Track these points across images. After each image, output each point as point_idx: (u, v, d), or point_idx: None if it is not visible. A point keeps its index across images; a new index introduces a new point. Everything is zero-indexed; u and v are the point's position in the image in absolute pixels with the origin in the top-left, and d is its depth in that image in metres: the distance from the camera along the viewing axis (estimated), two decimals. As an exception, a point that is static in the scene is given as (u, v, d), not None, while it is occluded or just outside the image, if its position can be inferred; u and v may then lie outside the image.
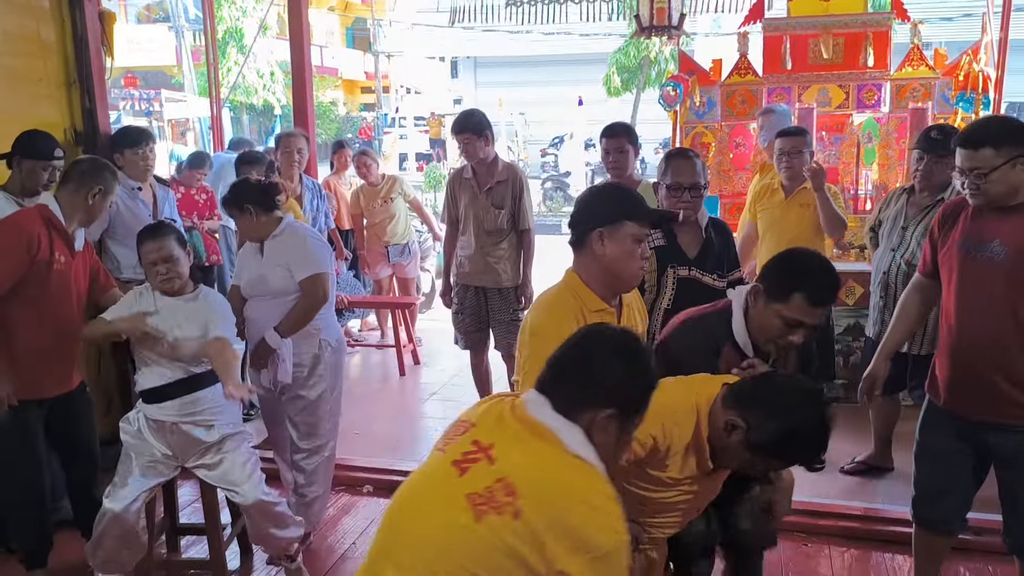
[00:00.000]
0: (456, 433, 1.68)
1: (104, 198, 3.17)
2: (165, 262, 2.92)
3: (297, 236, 3.36)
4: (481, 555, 1.47)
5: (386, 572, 1.57)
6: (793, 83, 5.58)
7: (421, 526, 1.57)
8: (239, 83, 17.93)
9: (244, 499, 2.99)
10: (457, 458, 1.60)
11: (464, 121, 4.31)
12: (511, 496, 1.48)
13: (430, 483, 1.64)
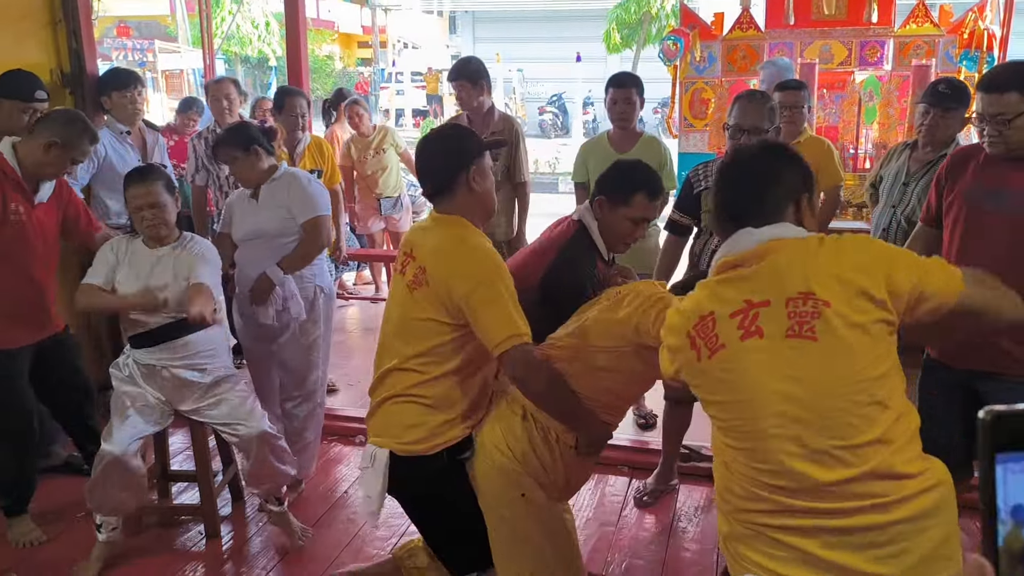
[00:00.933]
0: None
1: (63, 152, 3.01)
2: (151, 208, 2.86)
3: (299, 180, 3.32)
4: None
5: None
6: (795, 39, 5.49)
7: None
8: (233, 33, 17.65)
9: (250, 431, 2.97)
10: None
11: (460, 68, 4.22)
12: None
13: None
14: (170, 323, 2.93)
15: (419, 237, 2.26)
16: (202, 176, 4.38)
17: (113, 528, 3.00)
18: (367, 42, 26.43)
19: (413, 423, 2.18)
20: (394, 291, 2.32)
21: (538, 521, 2.23)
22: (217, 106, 4.46)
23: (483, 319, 2.07)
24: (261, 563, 3.10)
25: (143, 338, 2.94)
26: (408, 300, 2.20)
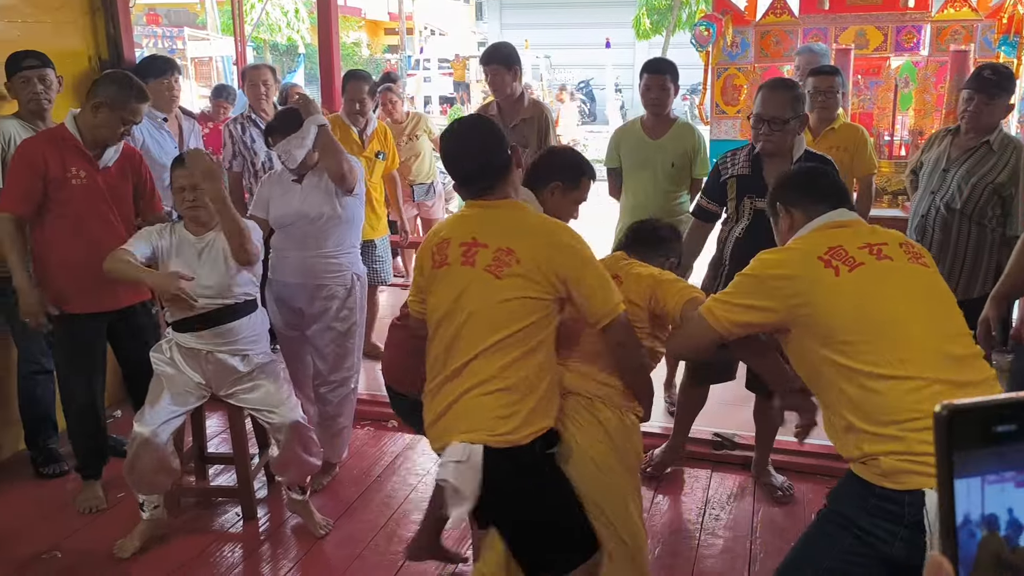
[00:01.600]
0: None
1: (110, 112, 3.09)
2: (193, 189, 2.91)
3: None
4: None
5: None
6: (830, 24, 5.42)
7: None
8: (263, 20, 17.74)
9: (282, 419, 3.02)
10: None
11: (494, 52, 4.22)
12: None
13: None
14: (216, 309, 2.97)
15: (477, 224, 2.19)
16: (238, 162, 4.42)
17: (155, 507, 3.07)
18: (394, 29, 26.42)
19: (505, 413, 2.09)
20: (461, 283, 2.15)
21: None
22: (254, 92, 4.48)
23: (590, 290, 2.12)
24: (297, 544, 3.15)
25: (188, 322, 2.99)
26: (492, 285, 2.11)
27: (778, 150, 3.01)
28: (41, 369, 3.57)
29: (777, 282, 1.95)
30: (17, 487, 3.54)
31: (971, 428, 0.52)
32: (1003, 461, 0.52)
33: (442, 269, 2.19)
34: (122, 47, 4.09)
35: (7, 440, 3.77)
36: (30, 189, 3.05)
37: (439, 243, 2.22)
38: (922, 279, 1.94)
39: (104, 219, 3.19)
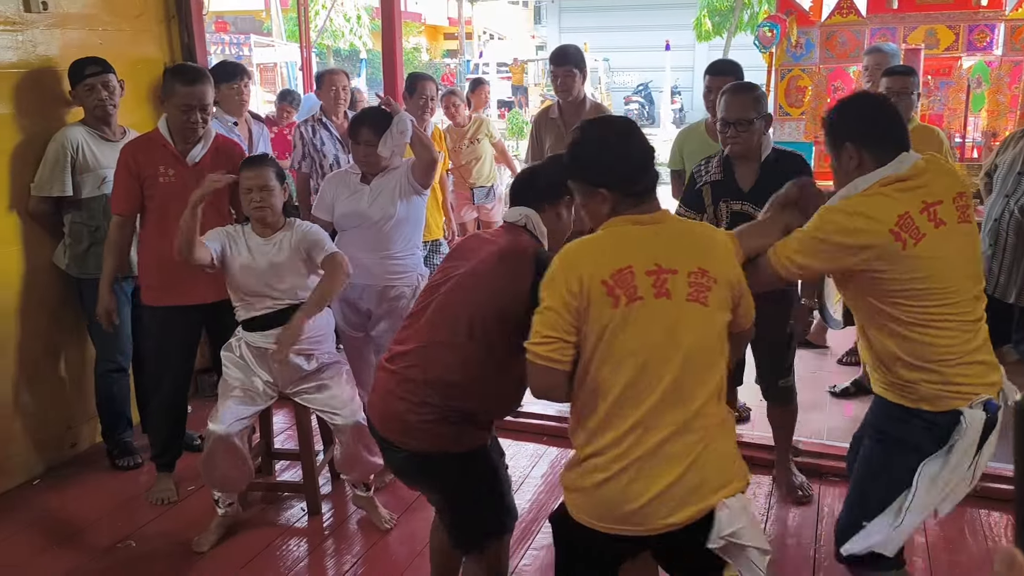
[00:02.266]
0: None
1: (168, 103, 3.24)
2: (260, 190, 2.99)
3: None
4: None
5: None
6: (899, 23, 5.31)
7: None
8: (327, 27, 18.07)
9: (345, 420, 3.08)
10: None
11: (566, 54, 4.23)
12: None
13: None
14: (284, 308, 3.05)
15: (649, 246, 1.85)
16: (307, 163, 4.52)
17: (230, 504, 3.16)
18: (453, 33, 26.66)
19: (733, 454, 1.90)
20: (667, 320, 1.81)
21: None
22: (330, 96, 4.58)
23: (747, 292, 2.00)
24: (359, 541, 3.20)
25: (257, 322, 3.07)
26: (704, 316, 1.83)
27: (746, 151, 3.01)
28: (117, 367, 3.71)
29: (845, 249, 2.03)
30: (94, 478, 3.68)
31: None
32: None
33: (634, 305, 1.79)
34: (195, 54, 4.22)
35: (86, 433, 3.92)
36: (128, 190, 3.24)
37: (615, 275, 1.80)
38: (968, 238, 2.12)
39: None
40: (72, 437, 3.87)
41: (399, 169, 3.40)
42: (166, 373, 3.45)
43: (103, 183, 3.50)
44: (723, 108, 3.01)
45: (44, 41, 3.57)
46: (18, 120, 3.48)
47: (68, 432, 3.85)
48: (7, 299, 3.52)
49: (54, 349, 3.76)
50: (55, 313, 3.72)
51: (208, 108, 3.30)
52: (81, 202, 3.53)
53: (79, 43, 3.68)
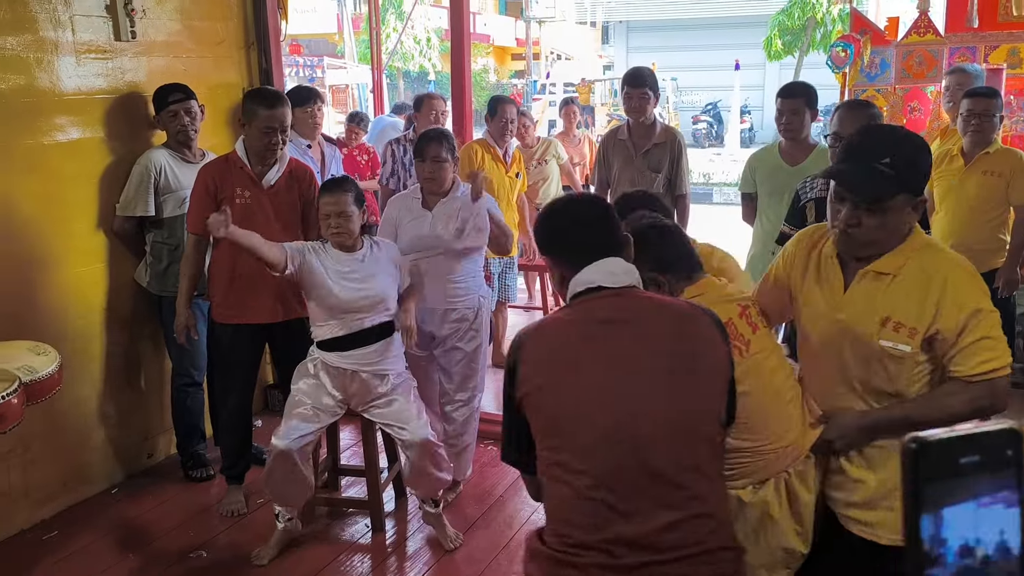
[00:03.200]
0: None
1: (249, 127, 3.33)
2: (339, 216, 3.03)
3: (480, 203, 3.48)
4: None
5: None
6: (979, 42, 5.14)
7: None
8: (397, 49, 18.43)
9: (412, 436, 3.12)
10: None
11: (642, 76, 4.26)
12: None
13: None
14: (363, 330, 3.10)
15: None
16: (394, 180, 4.61)
17: (289, 518, 3.22)
18: (520, 54, 26.88)
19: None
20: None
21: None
22: (429, 118, 4.69)
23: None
24: (422, 559, 3.23)
25: (338, 342, 3.11)
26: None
27: None
28: (192, 382, 3.84)
29: None
30: (168, 489, 3.80)
31: (938, 460, 0.56)
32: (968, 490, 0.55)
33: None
34: (272, 78, 4.36)
35: (162, 444, 4.06)
36: (204, 209, 3.32)
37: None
38: None
39: (263, 235, 3.37)
40: (149, 448, 4.01)
41: (461, 199, 3.43)
42: (232, 388, 3.55)
43: (183, 203, 3.64)
44: (837, 123, 2.97)
45: (132, 68, 3.74)
46: (107, 143, 3.66)
47: (145, 443, 3.99)
48: (92, 314, 3.68)
49: (134, 363, 3.90)
50: (136, 328, 3.87)
51: (287, 130, 3.39)
52: (163, 221, 3.67)
53: (164, 69, 3.84)
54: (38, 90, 3.38)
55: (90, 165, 3.61)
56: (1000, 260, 3.92)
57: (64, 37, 3.46)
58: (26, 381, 2.47)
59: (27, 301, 3.40)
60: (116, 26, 3.64)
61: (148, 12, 3.77)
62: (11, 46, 3.27)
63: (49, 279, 3.48)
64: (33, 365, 2.57)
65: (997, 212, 3.92)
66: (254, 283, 3.32)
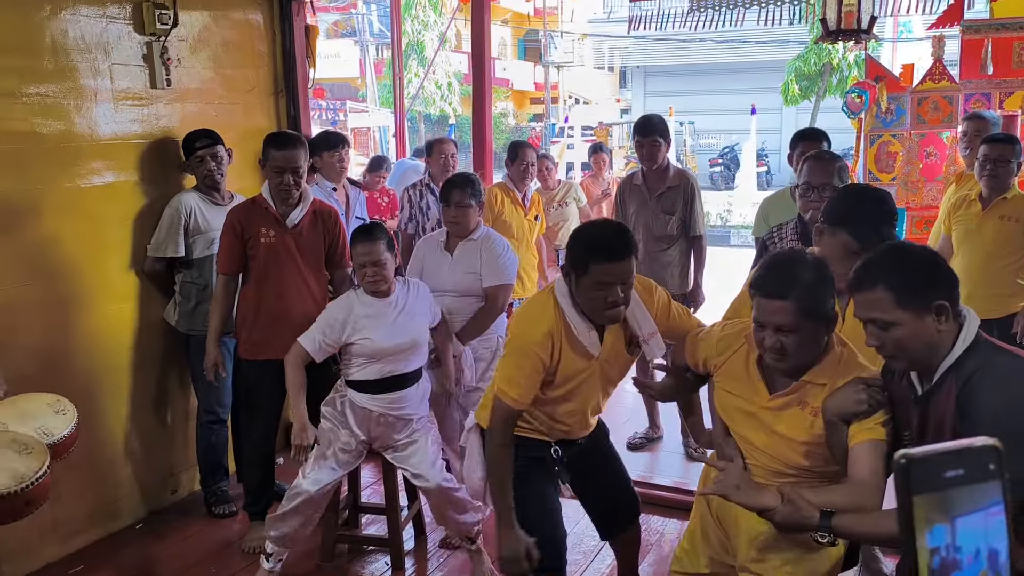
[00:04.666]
0: None
1: (267, 168, 3.45)
2: (374, 265, 3.07)
3: (495, 245, 3.56)
4: None
5: None
6: (994, 89, 5.21)
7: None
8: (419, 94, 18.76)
9: (427, 483, 3.16)
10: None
11: (652, 125, 4.35)
12: None
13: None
14: (396, 375, 3.14)
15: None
16: (413, 225, 4.71)
17: (279, 560, 3.23)
18: (539, 98, 27.25)
19: None
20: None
21: None
22: (439, 163, 4.81)
23: None
24: (442, 598, 3.24)
25: (366, 385, 3.15)
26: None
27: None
28: (216, 419, 3.90)
29: None
30: (192, 524, 3.85)
31: (927, 474, 0.60)
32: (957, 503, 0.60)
33: None
34: (299, 123, 4.49)
35: (185, 481, 4.12)
36: (232, 250, 3.46)
37: None
38: None
39: (288, 274, 3.48)
40: (173, 484, 4.07)
41: (479, 243, 3.51)
42: (256, 424, 3.61)
43: (212, 244, 3.74)
44: (807, 173, 3.03)
45: (166, 114, 3.88)
46: (141, 186, 3.78)
47: (170, 479, 4.05)
48: (121, 352, 3.76)
49: (161, 400, 3.98)
50: (163, 366, 3.95)
51: (299, 171, 3.47)
52: (192, 262, 3.77)
53: (197, 115, 3.98)
54: (77, 135, 3.52)
55: (124, 207, 3.73)
56: (1018, 304, 3.93)
57: (103, 85, 3.60)
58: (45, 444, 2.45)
59: (60, 339, 3.50)
60: (152, 74, 3.78)
61: (183, 61, 3.92)
62: (52, 93, 3.41)
63: (82, 318, 3.58)
64: (51, 426, 2.54)
65: (1015, 257, 3.94)
66: (279, 320, 3.40)
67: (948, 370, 1.84)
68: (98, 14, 3.57)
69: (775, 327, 1.99)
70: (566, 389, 2.49)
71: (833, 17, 5.09)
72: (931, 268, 1.88)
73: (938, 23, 5.44)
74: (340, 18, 23.70)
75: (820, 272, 2.02)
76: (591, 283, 2.30)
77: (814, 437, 2.05)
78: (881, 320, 1.84)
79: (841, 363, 2.05)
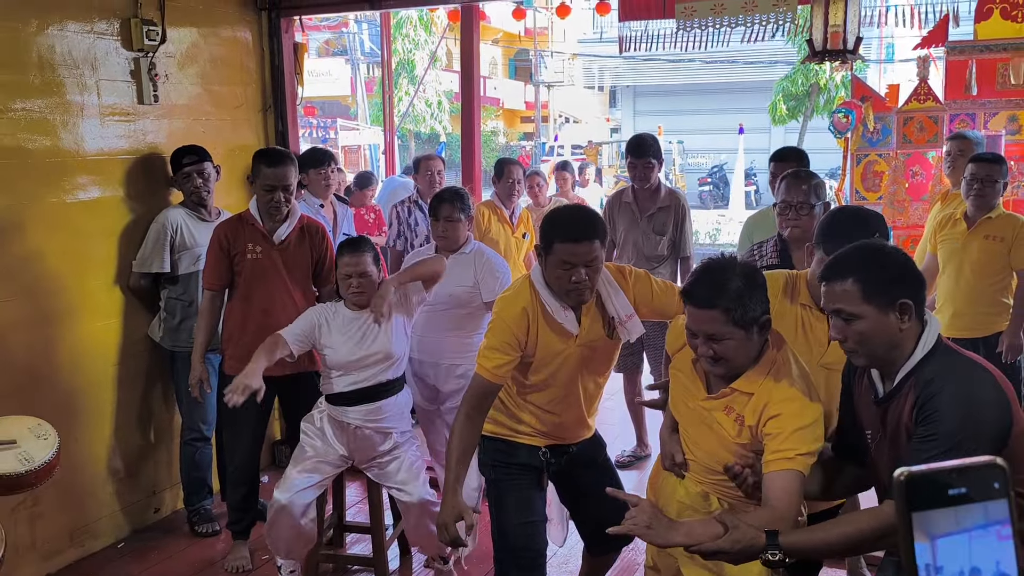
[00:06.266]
0: None
1: (255, 185, 3.46)
2: (360, 276, 3.09)
3: (490, 261, 3.56)
4: None
5: None
6: (979, 109, 5.26)
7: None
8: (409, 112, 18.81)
9: (410, 497, 3.14)
10: None
11: (645, 145, 4.37)
12: None
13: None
14: (369, 386, 3.14)
15: None
16: (401, 241, 4.71)
17: (292, 571, 3.22)
18: (530, 117, 27.39)
19: None
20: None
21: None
22: (426, 180, 4.82)
23: None
24: (427, 618, 3.21)
25: (343, 397, 3.16)
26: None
27: (804, 235, 2.99)
28: (200, 436, 3.87)
29: None
30: (174, 543, 3.81)
31: (927, 491, 0.59)
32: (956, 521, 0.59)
33: None
34: (288, 140, 4.49)
35: (168, 499, 4.08)
36: (218, 265, 3.45)
37: None
38: None
39: (275, 290, 3.48)
40: (156, 502, 4.02)
41: (471, 257, 3.51)
42: (241, 441, 3.58)
43: (198, 260, 3.73)
44: (784, 191, 3.07)
45: (153, 130, 3.87)
46: (127, 202, 3.77)
47: (153, 497, 4.00)
48: (104, 369, 3.73)
49: (145, 417, 3.95)
50: (147, 383, 3.93)
51: (290, 188, 3.47)
52: (178, 278, 3.75)
53: (184, 131, 3.97)
54: (63, 151, 3.51)
55: (110, 223, 3.71)
56: (1003, 323, 3.95)
57: (90, 100, 3.59)
58: (22, 472, 2.41)
59: (43, 355, 3.47)
60: (140, 90, 3.78)
61: (171, 77, 3.92)
62: (39, 108, 3.40)
63: (66, 334, 3.55)
64: (31, 452, 2.49)
65: (1000, 276, 3.96)
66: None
67: (908, 373, 1.86)
68: (86, 30, 3.56)
69: (706, 335, 2.01)
70: (547, 372, 2.52)
71: (819, 38, 5.12)
72: (901, 268, 1.90)
73: (923, 43, 5.51)
74: (332, 37, 23.80)
75: (749, 279, 2.02)
76: (556, 262, 2.38)
77: (743, 443, 2.06)
78: (846, 312, 1.86)
79: (773, 369, 2.05)
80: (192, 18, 4.04)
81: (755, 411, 2.03)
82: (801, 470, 1.93)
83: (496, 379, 2.45)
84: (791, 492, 1.91)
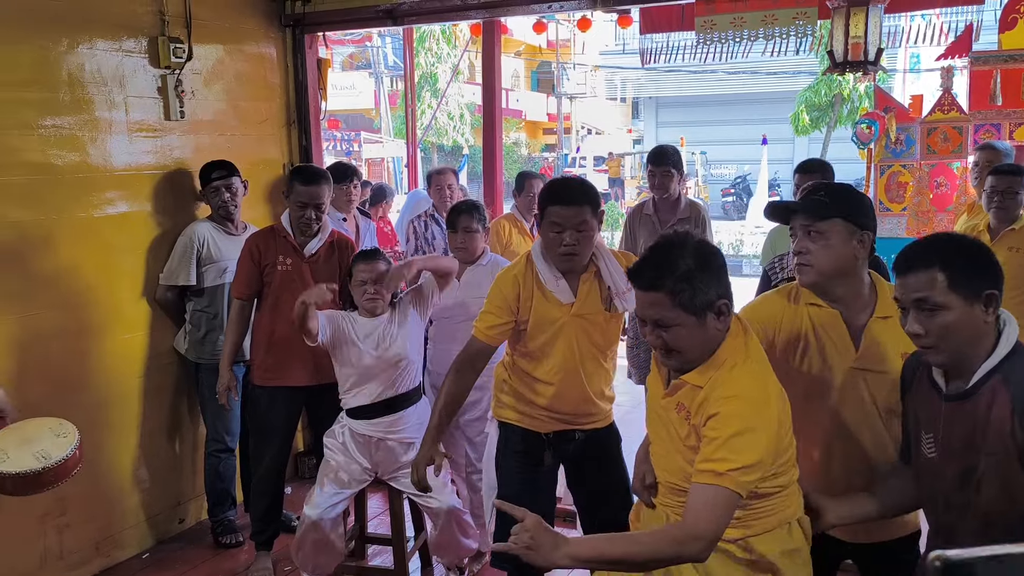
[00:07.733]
0: None
1: (288, 200, 3.52)
2: (374, 283, 3.15)
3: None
4: None
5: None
6: (1004, 119, 5.22)
7: None
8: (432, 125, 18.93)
9: (439, 504, 3.17)
10: None
11: (666, 155, 4.38)
12: None
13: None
14: (389, 398, 3.18)
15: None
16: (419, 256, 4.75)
17: None
18: (552, 128, 27.45)
19: None
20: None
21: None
22: (440, 194, 4.85)
23: None
24: (447, 630, 3.22)
25: (363, 410, 3.20)
26: None
27: None
28: (225, 447, 3.91)
29: None
30: (198, 554, 3.84)
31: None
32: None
33: None
34: (312, 155, 4.55)
35: (193, 510, 4.12)
36: (249, 275, 3.51)
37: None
38: None
39: None
40: (181, 513, 4.07)
41: (488, 269, 3.53)
42: (266, 451, 3.61)
43: (224, 273, 3.78)
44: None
45: (180, 145, 3.94)
46: (154, 217, 3.83)
47: (178, 508, 4.05)
48: (131, 380, 3.79)
49: (170, 428, 3.99)
50: (172, 394, 3.98)
51: (322, 207, 3.53)
52: (204, 291, 3.80)
53: (209, 146, 4.03)
54: (91, 166, 3.57)
55: (137, 237, 3.77)
56: (1029, 335, 3.90)
57: (118, 117, 3.66)
58: (39, 469, 2.47)
59: (72, 367, 3.53)
60: (166, 106, 3.85)
61: (196, 93, 3.99)
62: (68, 125, 3.47)
63: (94, 347, 3.61)
64: (49, 450, 2.55)
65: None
66: (292, 347, 3.41)
67: (991, 371, 1.73)
68: (114, 48, 3.64)
69: (653, 322, 1.84)
70: (543, 340, 2.61)
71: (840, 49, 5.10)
72: (985, 257, 1.76)
73: (947, 54, 5.47)
74: (355, 51, 24.02)
75: (701, 259, 1.83)
76: (547, 224, 2.51)
77: (691, 446, 1.86)
78: (931, 301, 1.71)
79: (729, 360, 1.84)
80: (218, 35, 4.11)
81: (700, 407, 1.84)
82: (731, 488, 1.71)
83: (487, 339, 2.61)
84: (712, 509, 1.71)
